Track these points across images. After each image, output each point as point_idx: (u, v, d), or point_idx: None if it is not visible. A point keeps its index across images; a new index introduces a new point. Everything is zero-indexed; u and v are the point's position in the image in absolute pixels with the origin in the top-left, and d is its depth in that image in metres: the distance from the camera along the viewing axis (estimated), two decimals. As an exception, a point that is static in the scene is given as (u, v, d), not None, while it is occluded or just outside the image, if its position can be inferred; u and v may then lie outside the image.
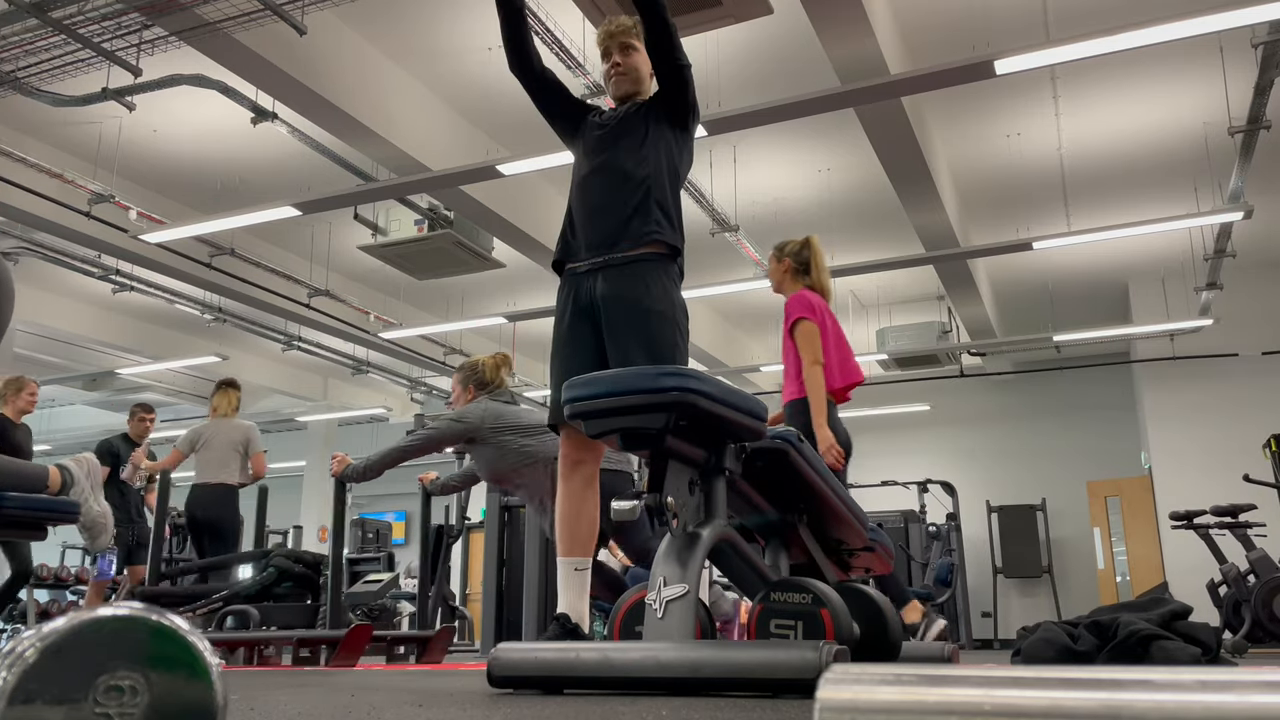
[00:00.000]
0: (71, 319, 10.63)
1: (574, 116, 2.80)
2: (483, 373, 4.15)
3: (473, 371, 4.16)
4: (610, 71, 2.76)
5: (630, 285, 2.53)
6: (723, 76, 6.67)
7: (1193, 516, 6.03)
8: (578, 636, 2.38)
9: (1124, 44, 4.85)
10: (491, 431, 3.89)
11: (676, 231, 2.63)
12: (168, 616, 0.69)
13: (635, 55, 2.75)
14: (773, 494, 2.60)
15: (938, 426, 13.03)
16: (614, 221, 2.58)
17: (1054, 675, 0.53)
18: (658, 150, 2.64)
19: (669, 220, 2.61)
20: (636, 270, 2.54)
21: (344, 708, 1.56)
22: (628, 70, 2.74)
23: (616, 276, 2.55)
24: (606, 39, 2.76)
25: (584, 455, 2.57)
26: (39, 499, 2.77)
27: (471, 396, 4.11)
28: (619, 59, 2.74)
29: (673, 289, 2.59)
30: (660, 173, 2.63)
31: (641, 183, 2.60)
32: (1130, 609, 3.06)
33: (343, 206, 7.33)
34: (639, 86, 2.76)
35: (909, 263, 8.47)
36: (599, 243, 2.59)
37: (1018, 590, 12.33)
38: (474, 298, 11.04)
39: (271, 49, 5.55)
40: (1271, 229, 9.28)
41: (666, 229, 2.59)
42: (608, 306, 2.54)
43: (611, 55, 2.75)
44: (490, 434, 3.89)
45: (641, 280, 2.53)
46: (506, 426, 3.90)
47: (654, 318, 2.51)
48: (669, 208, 2.62)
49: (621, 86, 2.76)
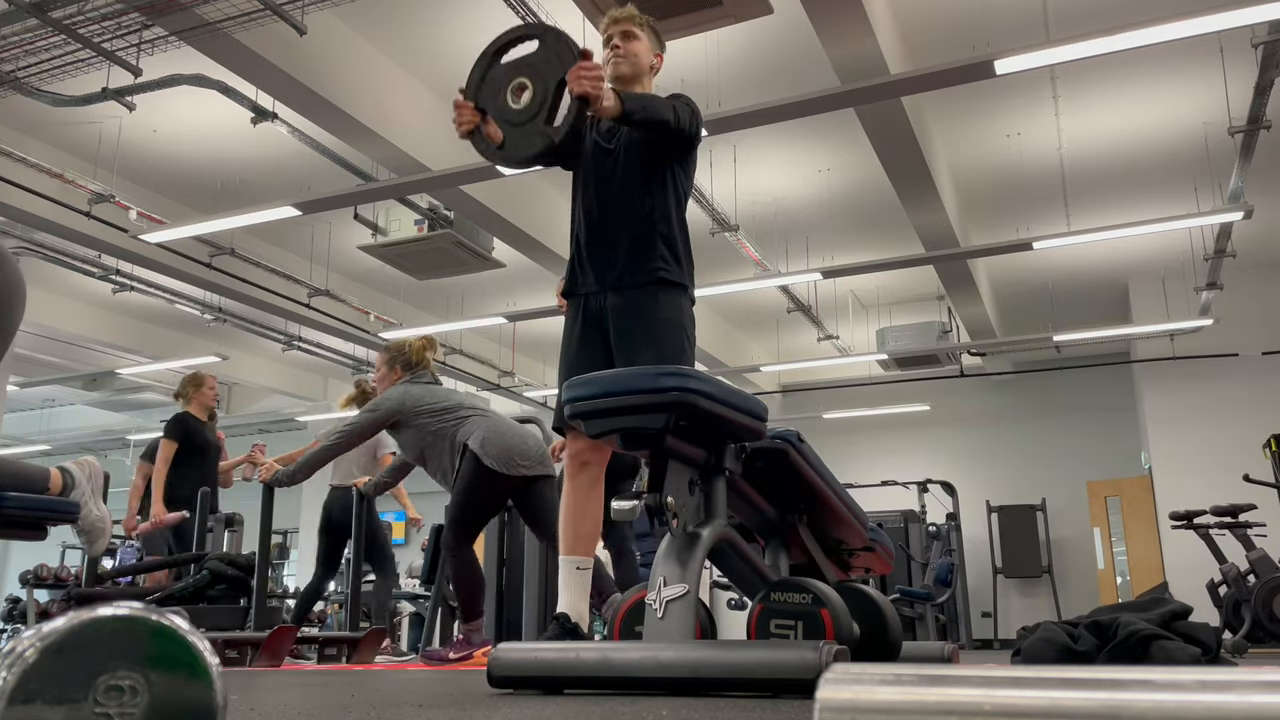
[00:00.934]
0: (71, 319, 10.63)
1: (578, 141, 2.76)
2: (409, 354, 4.25)
3: (399, 353, 4.26)
4: (610, 55, 2.73)
5: (640, 297, 2.56)
6: (723, 76, 6.67)
7: (1193, 516, 6.03)
8: (578, 636, 2.38)
9: (1124, 44, 4.85)
10: (411, 415, 4.03)
11: (684, 268, 2.62)
12: (168, 617, 0.69)
13: (637, 43, 2.74)
14: (773, 494, 2.60)
15: (938, 426, 13.03)
16: (620, 261, 2.58)
17: (1054, 675, 0.53)
18: (663, 179, 2.63)
19: (674, 257, 2.60)
20: (647, 289, 2.57)
21: (344, 708, 1.56)
22: (627, 54, 2.72)
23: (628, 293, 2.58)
24: (610, 25, 2.75)
25: (591, 456, 2.58)
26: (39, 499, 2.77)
27: (397, 376, 4.22)
28: (619, 43, 2.73)
29: (683, 300, 2.61)
30: (666, 205, 2.61)
31: (646, 218, 2.59)
32: (1130, 609, 3.06)
33: (343, 206, 7.33)
34: (637, 72, 2.73)
35: (909, 263, 8.47)
36: (605, 279, 2.60)
37: (1018, 590, 12.33)
38: (474, 298, 11.04)
39: (271, 49, 5.55)
40: (1271, 229, 9.28)
41: (673, 267, 2.59)
42: (616, 314, 2.57)
43: (613, 40, 2.74)
44: (410, 417, 4.04)
45: (652, 295, 2.56)
46: (423, 409, 4.04)
47: (661, 323, 2.54)
48: (675, 243, 2.61)
49: (619, 68, 2.72)
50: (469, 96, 2.34)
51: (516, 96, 2.16)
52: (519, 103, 2.16)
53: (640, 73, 2.75)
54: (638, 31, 2.74)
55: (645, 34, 2.76)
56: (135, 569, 6.07)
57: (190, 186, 8.40)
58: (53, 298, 10.45)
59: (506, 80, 2.20)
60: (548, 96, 2.15)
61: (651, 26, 2.80)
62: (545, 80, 2.15)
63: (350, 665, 4.50)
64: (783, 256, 9.61)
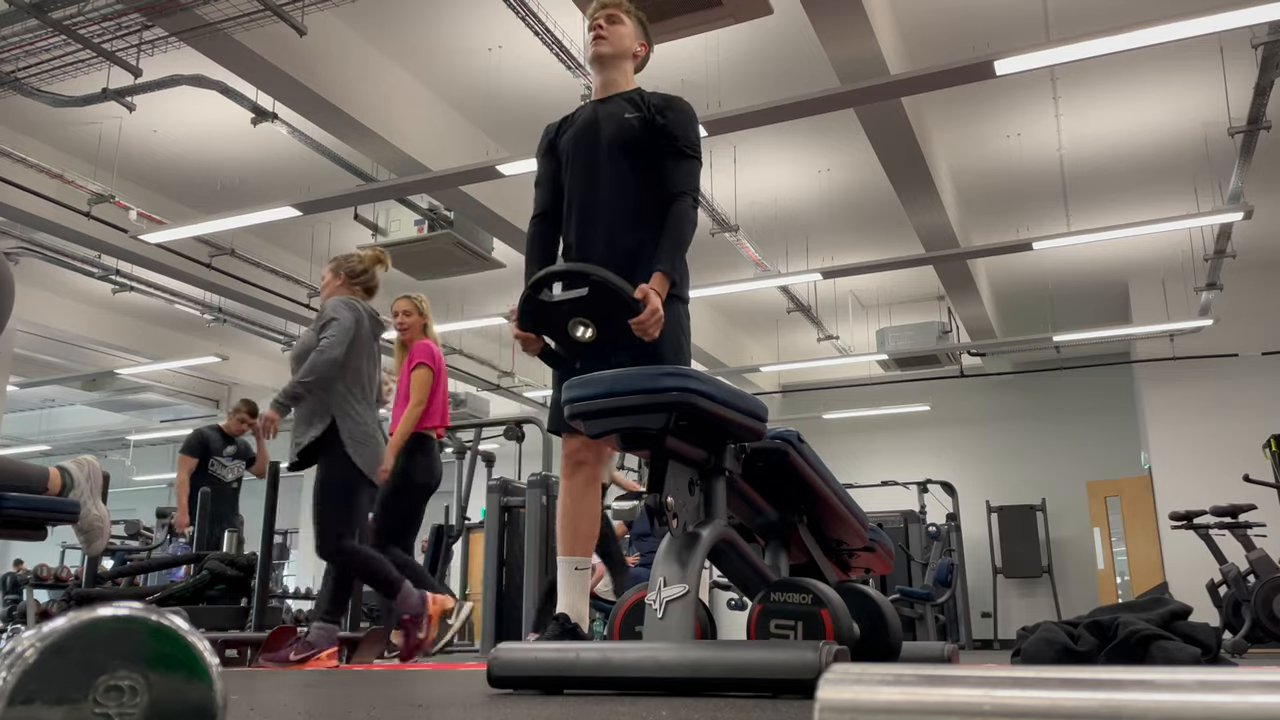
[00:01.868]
0: (71, 319, 10.63)
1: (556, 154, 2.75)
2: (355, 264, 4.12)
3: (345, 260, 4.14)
4: (593, 37, 2.71)
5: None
6: (723, 76, 6.67)
7: (1193, 516, 6.03)
8: (577, 636, 2.38)
9: (1124, 44, 4.85)
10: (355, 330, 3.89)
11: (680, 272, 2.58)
12: (168, 617, 0.69)
13: (621, 27, 2.72)
14: (773, 494, 2.60)
15: (938, 426, 13.03)
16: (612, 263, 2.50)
17: (1054, 675, 0.53)
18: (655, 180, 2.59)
19: None
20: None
21: (344, 708, 1.56)
22: (610, 36, 2.70)
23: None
24: (597, 10, 2.72)
25: (587, 455, 2.56)
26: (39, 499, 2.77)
27: (342, 283, 4.08)
28: (603, 24, 2.71)
29: (677, 300, 2.57)
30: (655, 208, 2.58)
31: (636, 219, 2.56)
32: (1130, 609, 3.06)
33: (343, 207, 7.33)
34: (617, 51, 2.71)
35: (909, 263, 8.47)
36: None
37: (1018, 590, 12.33)
38: (474, 298, 11.04)
39: (271, 49, 5.55)
40: (1271, 229, 9.28)
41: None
42: None
43: (597, 21, 2.71)
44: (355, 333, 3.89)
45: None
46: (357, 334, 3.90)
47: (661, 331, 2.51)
48: None
49: (600, 47, 2.70)
50: (525, 329, 2.49)
51: (578, 329, 2.42)
52: (583, 335, 2.41)
53: (621, 53, 2.72)
54: (623, 17, 2.73)
55: (631, 21, 2.74)
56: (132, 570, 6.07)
57: (190, 186, 8.40)
58: (53, 298, 10.45)
59: (565, 317, 2.41)
60: (609, 332, 2.40)
61: (638, 18, 2.78)
62: (604, 323, 2.39)
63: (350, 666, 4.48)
64: (783, 257, 9.61)
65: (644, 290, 2.36)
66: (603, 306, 2.36)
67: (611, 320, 2.37)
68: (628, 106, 2.64)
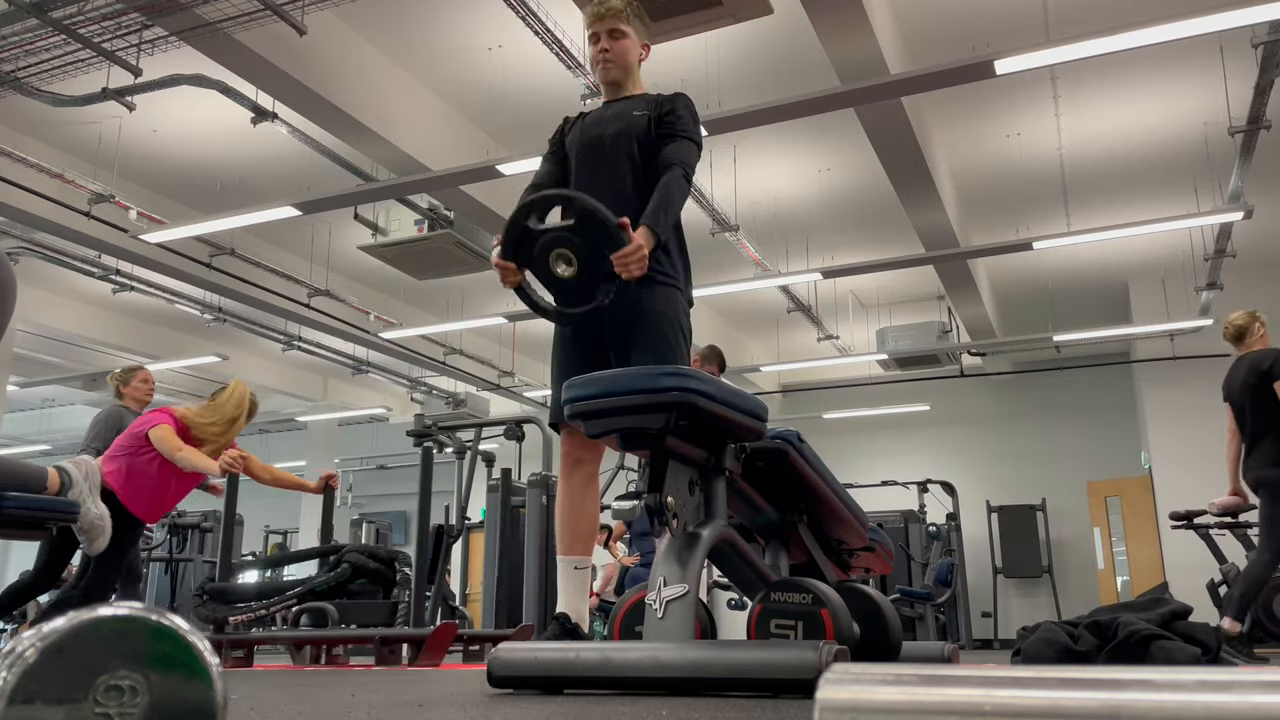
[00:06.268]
0: (71, 319, 10.63)
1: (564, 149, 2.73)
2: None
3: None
4: (597, 57, 2.66)
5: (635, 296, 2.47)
6: (723, 76, 6.67)
7: (1193, 516, 6.03)
8: (577, 636, 2.38)
9: (1124, 44, 4.85)
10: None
11: (679, 268, 2.57)
12: (167, 616, 0.69)
13: (624, 40, 2.65)
14: (773, 494, 2.60)
15: (938, 426, 13.03)
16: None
17: (1054, 675, 0.53)
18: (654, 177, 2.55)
19: (669, 259, 2.55)
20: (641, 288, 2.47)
21: (344, 708, 1.56)
22: (615, 57, 2.65)
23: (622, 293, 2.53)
24: (595, 21, 2.64)
25: (584, 454, 2.56)
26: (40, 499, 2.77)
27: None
28: (607, 45, 2.64)
29: (679, 299, 2.55)
30: None
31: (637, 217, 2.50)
32: (1130, 609, 3.06)
33: (343, 206, 7.32)
34: (626, 75, 2.68)
35: (909, 263, 8.47)
36: None
37: (1018, 590, 12.33)
38: (474, 298, 11.04)
39: (271, 49, 5.55)
40: (1271, 229, 9.28)
41: (667, 267, 2.53)
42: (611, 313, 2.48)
43: (600, 40, 2.65)
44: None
45: (648, 288, 2.49)
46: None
47: (656, 318, 2.49)
48: (670, 245, 2.55)
49: (609, 73, 2.66)
50: (507, 258, 2.43)
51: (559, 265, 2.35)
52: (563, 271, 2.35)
53: (630, 72, 2.69)
54: (624, 28, 2.65)
55: (632, 26, 2.67)
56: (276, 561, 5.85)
57: (190, 186, 8.40)
58: (53, 298, 10.45)
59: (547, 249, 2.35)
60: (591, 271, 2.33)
61: (638, 14, 2.70)
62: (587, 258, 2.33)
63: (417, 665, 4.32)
64: (783, 256, 9.61)
65: (627, 222, 2.31)
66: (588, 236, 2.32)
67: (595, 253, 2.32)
68: (637, 104, 2.65)
